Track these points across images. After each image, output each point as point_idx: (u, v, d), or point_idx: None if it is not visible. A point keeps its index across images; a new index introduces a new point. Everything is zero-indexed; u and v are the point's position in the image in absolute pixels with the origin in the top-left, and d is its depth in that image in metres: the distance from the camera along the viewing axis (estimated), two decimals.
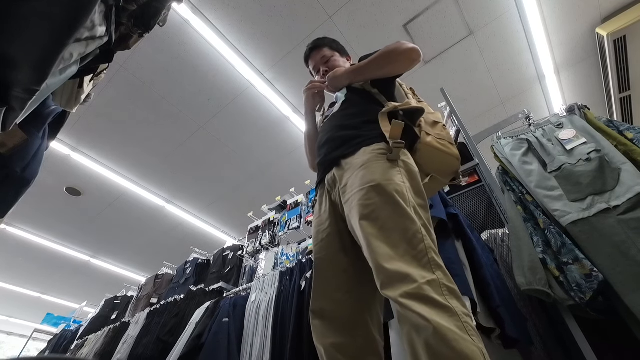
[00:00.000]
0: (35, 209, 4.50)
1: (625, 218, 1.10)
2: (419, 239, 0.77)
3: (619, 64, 2.60)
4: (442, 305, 0.67)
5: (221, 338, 1.79)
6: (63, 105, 0.97)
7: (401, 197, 0.83)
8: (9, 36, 0.55)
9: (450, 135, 1.12)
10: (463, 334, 0.63)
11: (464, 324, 0.65)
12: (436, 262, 0.75)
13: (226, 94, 3.10)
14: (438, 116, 1.17)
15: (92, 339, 3.27)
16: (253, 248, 2.81)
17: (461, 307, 0.69)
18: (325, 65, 1.38)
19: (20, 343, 8.57)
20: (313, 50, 1.43)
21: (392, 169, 0.89)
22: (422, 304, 0.67)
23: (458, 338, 0.62)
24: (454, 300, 0.69)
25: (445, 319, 0.65)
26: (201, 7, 2.44)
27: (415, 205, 0.83)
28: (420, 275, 0.71)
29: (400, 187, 0.85)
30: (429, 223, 0.83)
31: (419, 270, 0.72)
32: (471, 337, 0.63)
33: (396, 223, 0.80)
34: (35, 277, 6.35)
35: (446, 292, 0.70)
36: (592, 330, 1.13)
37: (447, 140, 1.08)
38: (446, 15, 2.56)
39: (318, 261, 0.98)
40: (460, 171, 1.13)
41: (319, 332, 0.89)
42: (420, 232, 0.78)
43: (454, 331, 0.63)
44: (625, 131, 1.35)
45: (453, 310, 0.67)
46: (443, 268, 0.75)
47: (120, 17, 0.82)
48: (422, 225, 0.80)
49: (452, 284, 0.73)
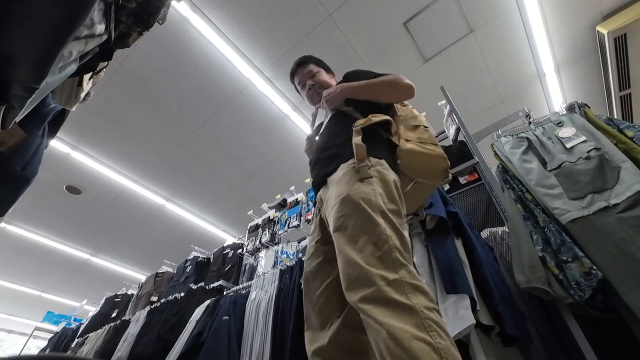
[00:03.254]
0: (35, 207, 4.50)
1: (625, 216, 1.10)
2: (384, 240, 0.79)
3: (619, 62, 2.59)
4: (401, 304, 0.68)
5: (221, 336, 1.79)
6: (62, 103, 0.97)
7: (367, 203, 0.86)
8: (9, 34, 0.55)
9: (433, 136, 1.13)
10: (418, 332, 0.64)
11: (423, 321, 0.66)
12: (400, 262, 0.76)
13: (226, 92, 3.09)
14: (420, 119, 1.18)
15: (93, 337, 3.28)
16: (253, 246, 2.81)
17: (424, 302, 0.69)
18: (312, 80, 1.43)
19: (21, 341, 8.60)
20: (299, 65, 1.48)
21: (362, 180, 0.93)
22: (378, 306, 0.69)
23: (409, 337, 0.63)
24: (417, 296, 0.70)
25: (402, 319, 0.66)
26: (201, 5, 2.43)
27: (386, 210, 0.86)
28: (380, 276, 0.73)
29: (367, 195, 0.88)
30: (401, 226, 0.86)
31: (381, 271, 0.74)
32: (429, 334, 0.64)
33: (361, 228, 0.82)
34: (35, 275, 6.36)
35: (409, 290, 0.71)
36: (591, 328, 1.13)
37: (429, 142, 1.09)
38: (446, 13, 2.55)
39: (307, 274, 1.03)
40: (451, 169, 1.14)
41: (307, 340, 0.93)
42: (385, 233, 0.80)
43: (405, 330, 0.64)
44: (625, 129, 1.35)
45: (413, 308, 0.68)
46: (408, 266, 0.77)
47: (120, 14, 0.82)
48: (389, 227, 0.82)
49: (416, 280, 0.74)
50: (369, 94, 1.21)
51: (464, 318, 1.06)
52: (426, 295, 0.72)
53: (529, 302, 1.37)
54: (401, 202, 0.94)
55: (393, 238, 0.80)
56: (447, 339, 0.65)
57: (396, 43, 2.74)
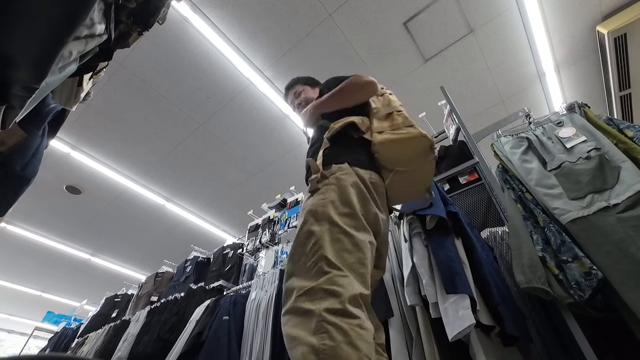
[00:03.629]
0: (35, 207, 4.50)
1: (625, 216, 1.10)
2: (315, 250, 0.79)
3: (619, 62, 2.59)
4: (304, 311, 0.69)
5: (221, 336, 1.79)
6: (62, 103, 0.97)
7: (313, 214, 0.87)
8: (8, 34, 0.55)
9: (408, 118, 1.09)
10: (308, 336, 0.64)
11: (318, 324, 0.66)
12: (323, 270, 0.75)
13: (226, 92, 3.09)
14: (393, 105, 1.16)
15: (93, 337, 3.28)
16: (253, 246, 2.82)
17: (328, 305, 0.68)
18: (298, 99, 1.53)
19: (21, 341, 8.60)
20: (287, 90, 1.60)
21: (313, 192, 0.94)
22: (290, 317, 0.71)
23: (297, 344, 0.65)
24: (325, 301, 0.69)
25: (302, 326, 0.67)
26: (201, 5, 2.43)
27: (334, 217, 0.85)
28: (299, 287, 0.74)
29: (315, 206, 0.89)
30: (353, 228, 0.85)
31: (304, 281, 0.75)
32: (318, 336, 0.64)
33: (299, 241, 0.84)
34: (35, 275, 6.36)
35: (321, 296, 0.70)
36: (591, 328, 1.13)
37: (403, 125, 1.06)
38: (446, 13, 2.55)
39: None
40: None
41: None
42: (318, 243, 0.80)
43: (296, 337, 0.66)
44: (625, 129, 1.35)
45: (314, 312, 0.67)
46: (330, 273, 0.75)
47: (120, 14, 0.82)
48: (329, 235, 0.82)
49: (332, 285, 0.72)
50: (334, 105, 1.22)
51: (464, 318, 1.06)
52: (336, 297, 0.70)
53: (529, 302, 1.37)
54: (365, 201, 0.93)
55: (325, 246, 0.79)
56: (340, 339, 0.63)
57: (396, 43, 2.74)
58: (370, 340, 0.67)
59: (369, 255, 0.84)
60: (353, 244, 0.82)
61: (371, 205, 0.93)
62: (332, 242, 0.81)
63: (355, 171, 0.97)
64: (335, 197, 0.89)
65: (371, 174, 1.00)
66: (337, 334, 0.64)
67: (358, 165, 0.99)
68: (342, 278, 0.74)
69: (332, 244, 0.81)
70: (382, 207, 1.00)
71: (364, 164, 1.01)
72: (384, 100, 1.22)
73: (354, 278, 0.76)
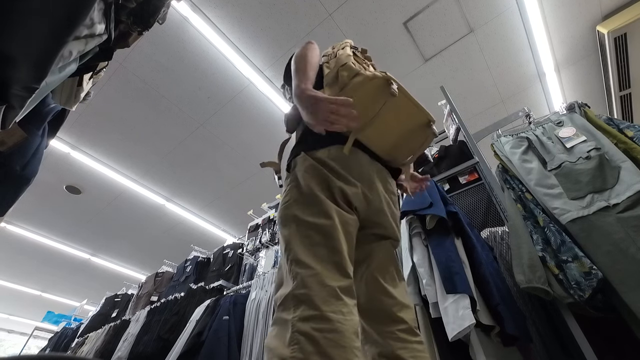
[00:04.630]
0: (35, 207, 4.50)
1: (625, 216, 1.10)
2: (287, 255, 0.77)
3: (619, 62, 2.59)
4: (282, 321, 0.67)
5: (221, 336, 1.79)
6: (62, 103, 0.97)
7: (281, 221, 0.86)
8: (9, 34, 0.55)
9: (353, 67, 0.91)
10: (282, 348, 0.63)
11: (291, 335, 0.64)
12: (295, 273, 0.72)
13: (226, 92, 3.09)
14: (339, 62, 0.96)
15: (93, 336, 3.28)
16: (253, 246, 2.82)
17: (301, 314, 0.66)
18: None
19: (21, 341, 8.60)
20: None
21: (284, 192, 0.92)
22: (272, 327, 0.70)
23: (272, 355, 0.63)
24: (298, 309, 0.67)
25: (276, 336, 0.66)
26: (201, 4, 2.43)
27: (297, 214, 0.82)
28: (279, 296, 0.72)
29: (281, 211, 0.87)
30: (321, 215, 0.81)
31: (282, 289, 0.73)
32: (290, 348, 0.62)
33: (281, 252, 0.83)
34: (35, 275, 6.36)
35: (294, 304, 0.68)
36: (591, 328, 1.13)
37: (349, 78, 0.89)
38: (446, 12, 2.55)
39: None
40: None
41: None
42: (288, 247, 0.78)
43: (270, 348, 0.65)
44: (625, 129, 1.35)
45: (288, 322, 0.66)
46: (300, 274, 0.71)
47: (120, 14, 0.82)
48: (296, 234, 0.80)
49: (302, 289, 0.69)
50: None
51: (464, 318, 1.06)
52: (309, 303, 0.67)
53: (529, 302, 1.37)
54: (326, 180, 0.86)
55: (295, 248, 0.77)
56: (309, 350, 0.61)
57: (396, 43, 2.74)
58: (347, 342, 0.63)
59: (342, 238, 0.79)
60: (323, 235, 0.78)
61: (333, 181, 0.86)
62: (302, 240, 0.78)
63: (311, 155, 0.91)
64: (295, 193, 0.87)
65: (330, 149, 0.91)
66: (308, 344, 0.62)
67: (315, 147, 0.93)
68: (311, 278, 0.71)
69: (302, 242, 0.78)
70: (358, 178, 0.90)
71: (322, 142, 0.92)
72: (336, 60, 0.99)
73: (328, 271, 0.72)
